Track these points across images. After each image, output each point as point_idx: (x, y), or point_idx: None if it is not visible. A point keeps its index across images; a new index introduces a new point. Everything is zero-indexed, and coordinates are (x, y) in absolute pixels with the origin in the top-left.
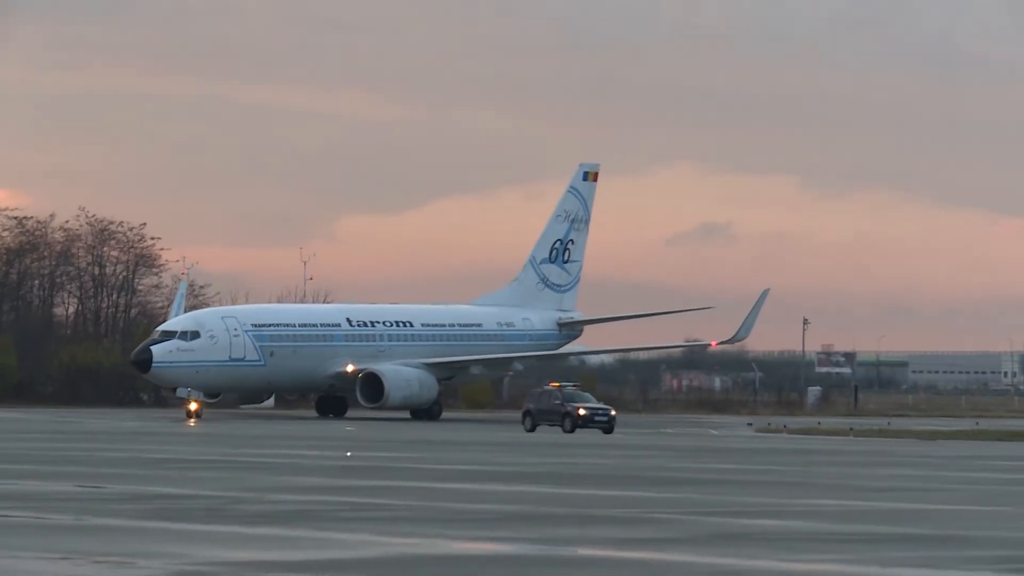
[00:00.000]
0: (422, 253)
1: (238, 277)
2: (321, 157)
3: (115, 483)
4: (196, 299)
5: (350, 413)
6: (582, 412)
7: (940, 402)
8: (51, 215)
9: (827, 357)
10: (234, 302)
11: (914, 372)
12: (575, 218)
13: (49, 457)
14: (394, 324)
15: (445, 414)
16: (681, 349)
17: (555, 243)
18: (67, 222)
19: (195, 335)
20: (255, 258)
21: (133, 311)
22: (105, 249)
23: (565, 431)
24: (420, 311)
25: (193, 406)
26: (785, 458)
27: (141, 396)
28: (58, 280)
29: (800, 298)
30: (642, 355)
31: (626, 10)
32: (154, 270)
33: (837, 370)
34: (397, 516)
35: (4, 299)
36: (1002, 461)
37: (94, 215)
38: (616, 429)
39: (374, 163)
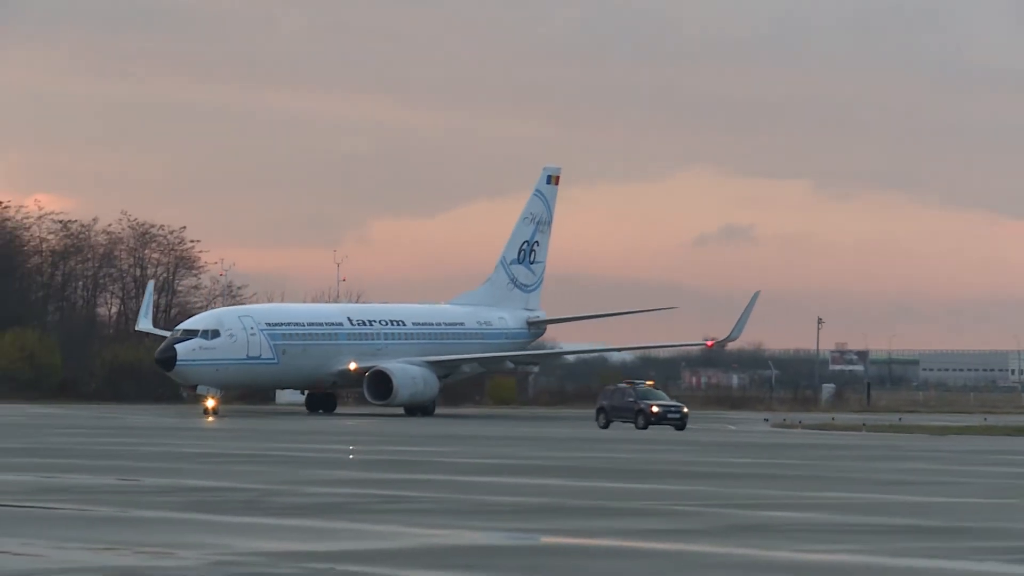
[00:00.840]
0: (452, 255)
1: (274, 278)
2: (354, 162)
3: (155, 476)
4: (234, 299)
5: (340, 409)
6: (655, 409)
7: (950, 399)
8: (94, 219)
9: (840, 355)
10: (270, 301)
11: (924, 370)
12: (540, 220)
13: (92, 451)
14: (389, 323)
15: (450, 410)
16: (699, 348)
17: (523, 244)
18: (110, 225)
19: (216, 334)
20: (290, 259)
21: (173, 311)
22: (146, 251)
23: (638, 428)
24: (411, 310)
25: (211, 403)
26: (800, 452)
27: (181, 393)
28: (101, 281)
29: (814, 298)
30: (662, 353)
31: (646, 21)
32: (193, 271)
33: (850, 368)
34: (427, 508)
35: (50, 300)
36: (1010, 456)
37: (136, 219)
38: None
39: (406, 168)
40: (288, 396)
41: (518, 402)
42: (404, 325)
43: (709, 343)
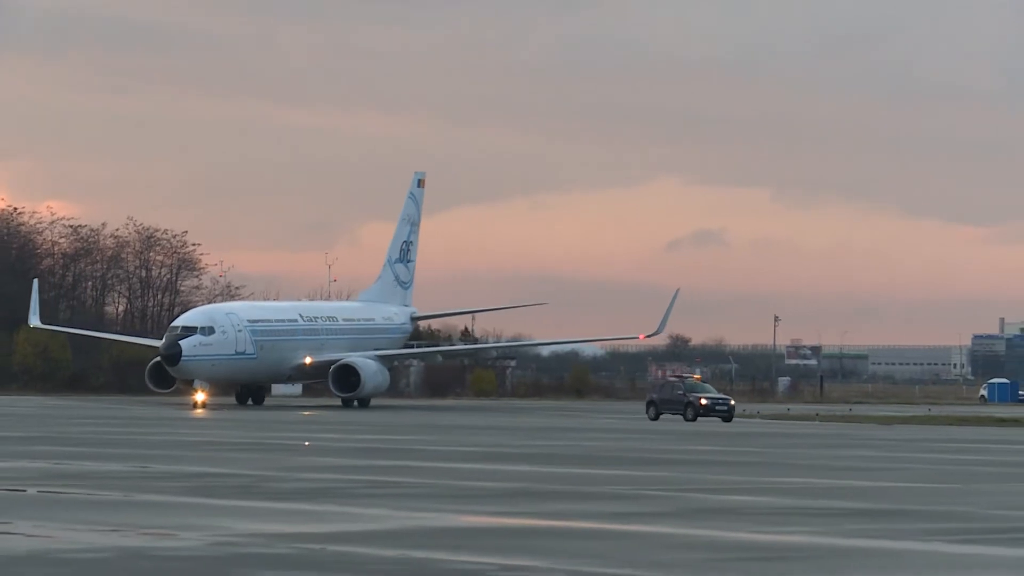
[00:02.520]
0: (436, 257)
1: (270, 279)
2: (345, 171)
3: (159, 463)
4: (232, 298)
5: (269, 401)
6: (704, 402)
7: (896, 391)
8: (103, 224)
9: (796, 351)
10: (265, 300)
11: (873, 364)
12: (413, 221)
13: (100, 440)
14: (327, 319)
15: (392, 401)
16: (665, 344)
17: (402, 245)
18: (117, 230)
19: (211, 330)
20: (285, 261)
21: (176, 309)
22: (151, 254)
23: (687, 420)
24: (338, 307)
25: (201, 396)
26: (758, 441)
27: (179, 387)
28: (109, 282)
29: (772, 298)
30: (632, 348)
31: (621, 41)
32: (195, 273)
33: (804, 362)
34: (412, 493)
35: (61, 299)
36: (952, 443)
37: (141, 223)
38: (604, 413)
39: (392, 176)
40: (283, 389)
41: (497, 394)
42: (336, 321)
43: (641, 336)
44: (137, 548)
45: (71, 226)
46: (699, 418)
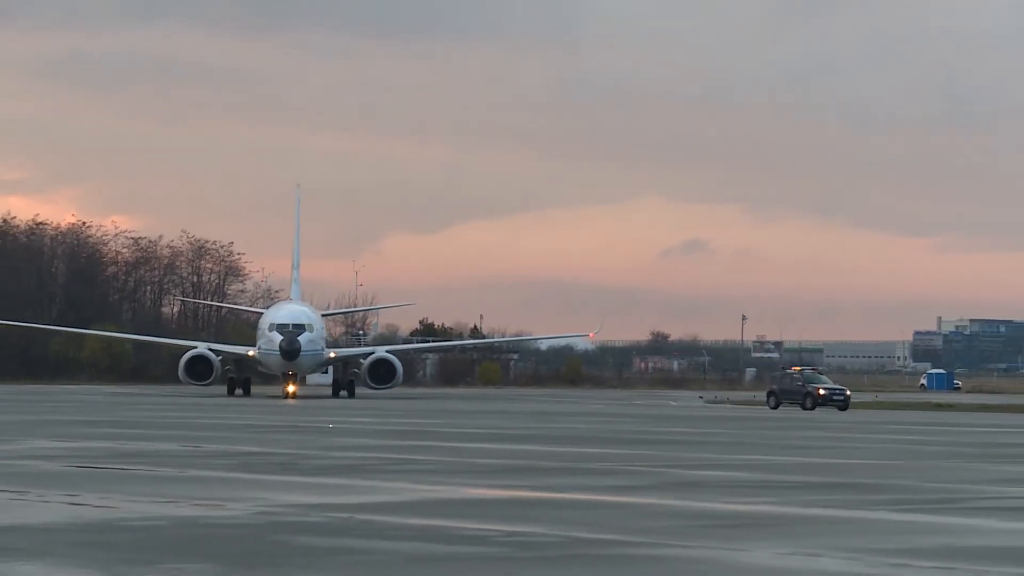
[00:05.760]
0: (450, 266)
1: (304, 284)
2: (370, 189)
3: (209, 444)
4: (272, 301)
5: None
6: (822, 392)
7: (848, 380)
8: (160, 236)
9: (760, 345)
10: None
11: (828, 356)
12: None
13: (158, 423)
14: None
15: (397, 390)
16: (648, 340)
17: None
18: (172, 241)
19: (310, 328)
20: (318, 268)
21: (223, 311)
22: (201, 262)
23: (805, 409)
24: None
25: (291, 388)
26: (727, 423)
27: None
28: (165, 286)
29: (741, 299)
30: (618, 343)
31: (607, 73)
32: (240, 278)
33: (768, 355)
34: (428, 469)
35: (124, 301)
36: (896, 425)
37: (193, 235)
38: (595, 400)
39: (413, 194)
40: (317, 379)
41: (502, 383)
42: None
43: (591, 335)
44: (190, 517)
45: (132, 238)
46: (817, 407)
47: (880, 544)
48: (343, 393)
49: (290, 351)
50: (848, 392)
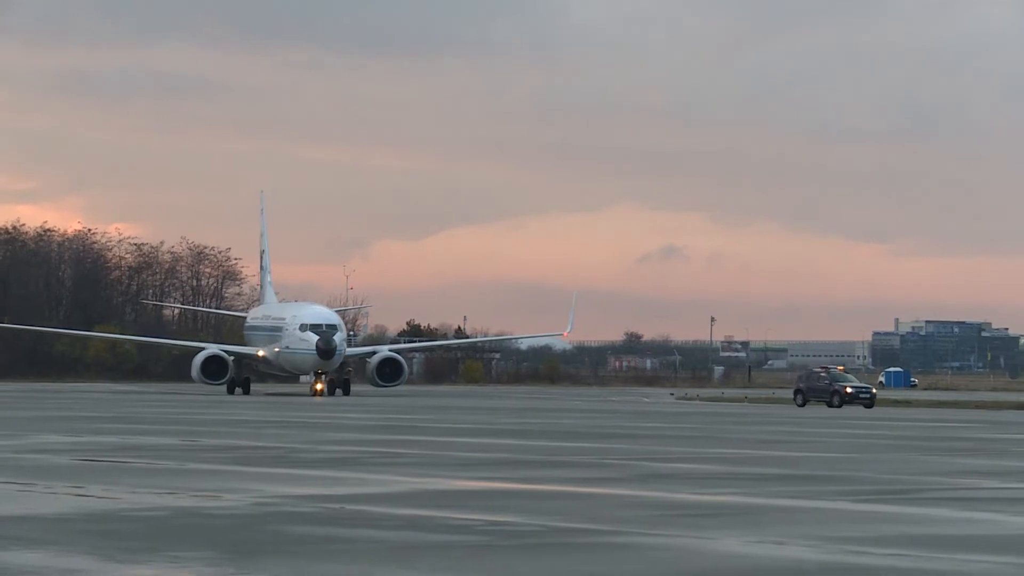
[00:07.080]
0: (435, 270)
1: (298, 287)
2: (360, 198)
3: (207, 438)
4: (258, 303)
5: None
6: (848, 390)
7: None
8: (161, 241)
9: (728, 345)
10: None
11: (792, 356)
12: (263, 235)
13: (159, 419)
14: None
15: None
16: (622, 339)
17: (262, 254)
18: (172, 247)
19: (341, 328)
20: (310, 273)
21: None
22: (200, 267)
23: (832, 406)
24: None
25: (319, 386)
26: (697, 419)
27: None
28: (166, 290)
29: (709, 302)
30: (594, 343)
31: (586, 87)
32: (236, 282)
33: (736, 354)
34: (415, 462)
35: (127, 304)
36: (855, 421)
37: (192, 241)
38: (572, 397)
39: (399, 202)
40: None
41: (484, 381)
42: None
43: (565, 334)
44: (189, 507)
45: (135, 244)
46: (844, 405)
47: (841, 532)
48: (338, 391)
49: (327, 350)
50: (874, 391)
